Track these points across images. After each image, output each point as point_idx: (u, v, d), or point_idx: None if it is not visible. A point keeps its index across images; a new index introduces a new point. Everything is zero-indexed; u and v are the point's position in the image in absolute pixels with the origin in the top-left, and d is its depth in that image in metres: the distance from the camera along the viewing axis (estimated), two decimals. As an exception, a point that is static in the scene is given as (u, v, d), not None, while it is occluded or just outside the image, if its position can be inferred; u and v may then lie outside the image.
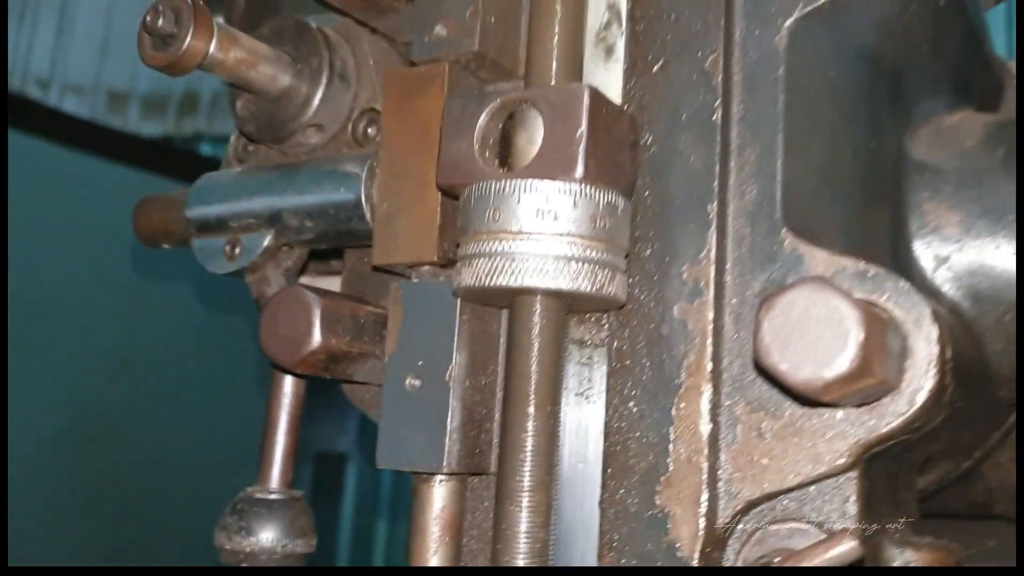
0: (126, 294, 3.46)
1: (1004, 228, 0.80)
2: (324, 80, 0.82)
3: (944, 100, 0.88)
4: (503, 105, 0.69)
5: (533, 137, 0.69)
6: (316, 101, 0.82)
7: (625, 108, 0.74)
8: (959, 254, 0.81)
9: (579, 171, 0.64)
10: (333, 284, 0.93)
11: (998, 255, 0.80)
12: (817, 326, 0.56)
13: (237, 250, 0.85)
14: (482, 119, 0.68)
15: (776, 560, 0.63)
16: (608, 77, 0.76)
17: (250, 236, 0.84)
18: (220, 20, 0.95)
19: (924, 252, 0.81)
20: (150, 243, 0.94)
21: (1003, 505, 1.18)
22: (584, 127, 0.64)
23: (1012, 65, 1.07)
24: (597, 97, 0.66)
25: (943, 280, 0.81)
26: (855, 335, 0.55)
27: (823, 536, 0.65)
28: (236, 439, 3.57)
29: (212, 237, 0.87)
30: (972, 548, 0.80)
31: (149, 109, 5.37)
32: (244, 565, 0.78)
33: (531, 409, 0.68)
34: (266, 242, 0.84)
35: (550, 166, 0.65)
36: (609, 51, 0.77)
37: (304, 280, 0.95)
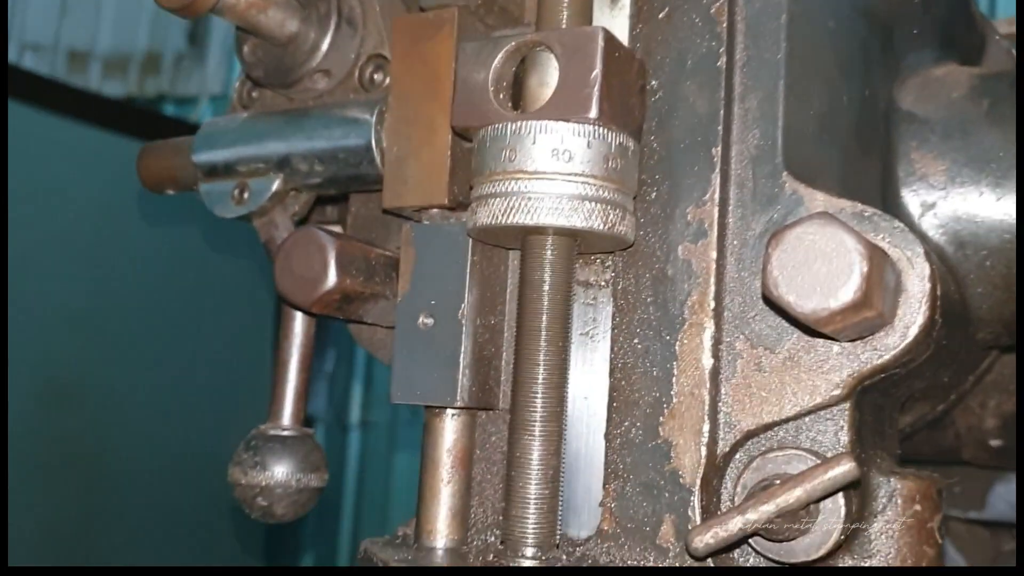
0: (89, 254, 3.42)
1: (987, 176, 0.83)
2: (332, 26, 0.83)
3: (931, 53, 0.91)
4: (517, 48, 0.71)
5: (545, 79, 0.71)
6: (324, 47, 0.83)
7: (632, 54, 0.77)
8: (944, 201, 0.84)
9: (594, 111, 0.67)
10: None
11: (981, 202, 0.84)
12: (824, 258, 0.59)
13: (246, 194, 0.86)
14: (497, 61, 0.70)
15: (776, 483, 0.66)
16: (613, 23, 0.79)
17: (259, 180, 0.86)
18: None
19: (911, 199, 0.85)
20: (156, 189, 0.95)
21: (970, 451, 1.24)
22: (599, 69, 0.67)
23: (998, 24, 1.11)
24: (611, 40, 0.68)
25: (929, 226, 0.85)
26: (860, 267, 0.59)
27: (819, 462, 0.69)
28: (206, 398, 3.58)
29: (220, 181, 0.88)
30: (953, 480, 0.84)
31: (111, 69, 5.28)
32: (260, 500, 0.81)
33: (543, 344, 0.71)
34: (275, 186, 0.85)
35: (565, 106, 0.67)
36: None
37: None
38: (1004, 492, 1.34)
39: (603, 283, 0.78)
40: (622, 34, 0.77)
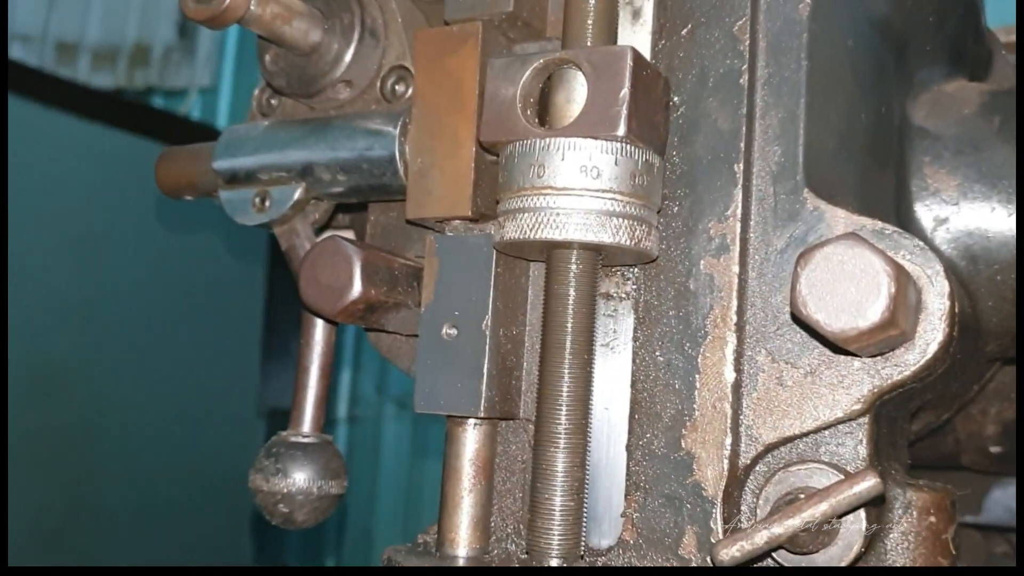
0: (78, 247, 3.41)
1: (999, 192, 0.85)
2: (356, 37, 0.84)
3: (942, 69, 0.93)
4: (546, 65, 0.71)
5: (572, 96, 0.72)
6: (348, 57, 0.84)
7: (656, 71, 0.78)
8: (957, 216, 0.86)
9: (622, 129, 0.68)
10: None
11: (993, 217, 0.85)
12: (852, 279, 0.61)
13: (267, 202, 0.87)
14: (525, 78, 0.71)
15: (801, 497, 0.68)
16: (635, 39, 0.80)
17: (280, 188, 0.86)
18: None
19: (924, 213, 0.86)
20: (174, 195, 0.95)
21: (969, 456, 1.26)
22: (627, 87, 0.68)
23: (998, 33, 1.12)
24: (639, 59, 0.69)
25: (941, 240, 0.86)
26: (888, 287, 0.60)
27: (840, 476, 0.70)
28: (195, 391, 3.57)
29: (241, 189, 0.88)
30: (966, 491, 0.85)
31: (100, 60, 5.24)
32: (281, 507, 0.81)
33: (568, 356, 0.72)
34: (297, 195, 0.86)
35: (594, 124, 0.68)
36: (636, 14, 0.80)
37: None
38: (1001, 497, 1.36)
39: (623, 295, 0.79)
40: (644, 49, 0.78)
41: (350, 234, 0.99)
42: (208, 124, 4.46)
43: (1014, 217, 0.85)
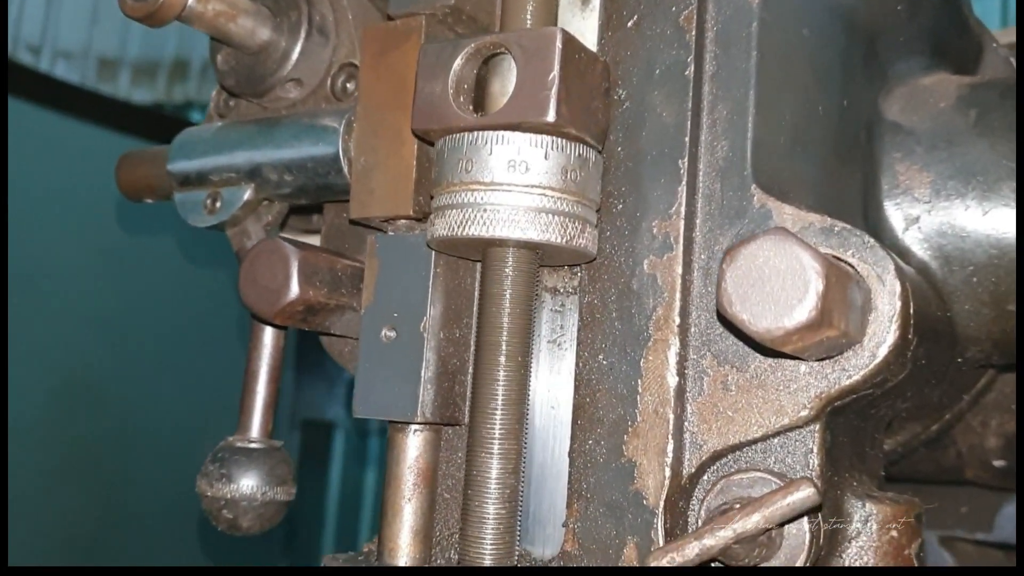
0: (116, 259, 3.46)
1: (974, 190, 0.81)
2: (303, 34, 0.83)
3: (920, 62, 0.89)
4: (477, 49, 0.69)
5: (506, 85, 0.69)
6: (295, 55, 0.83)
7: (599, 61, 0.75)
8: (929, 215, 0.82)
9: (551, 115, 0.65)
10: (315, 242, 0.94)
11: (967, 217, 0.81)
12: (778, 276, 0.57)
13: (218, 203, 0.86)
14: (456, 63, 0.69)
15: (736, 507, 0.64)
16: (584, 26, 0.77)
17: (230, 190, 0.85)
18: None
19: (895, 212, 0.82)
20: (133, 197, 0.95)
21: (973, 470, 1.20)
22: (556, 70, 0.65)
23: (1002, 34, 1.08)
24: (570, 41, 0.66)
25: (913, 240, 0.82)
26: (815, 285, 0.57)
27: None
28: (221, 399, 3.59)
29: (193, 191, 0.87)
30: (933, 504, 0.81)
31: (140, 75, 5.34)
32: (225, 512, 0.80)
33: (502, 359, 0.69)
34: (246, 196, 0.85)
35: (522, 109, 0.66)
36: (585, 1, 0.77)
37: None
38: (1011, 513, 1.30)
39: (571, 289, 0.77)
40: (591, 39, 0.76)
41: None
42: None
43: (990, 216, 0.81)
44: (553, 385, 0.75)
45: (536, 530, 0.75)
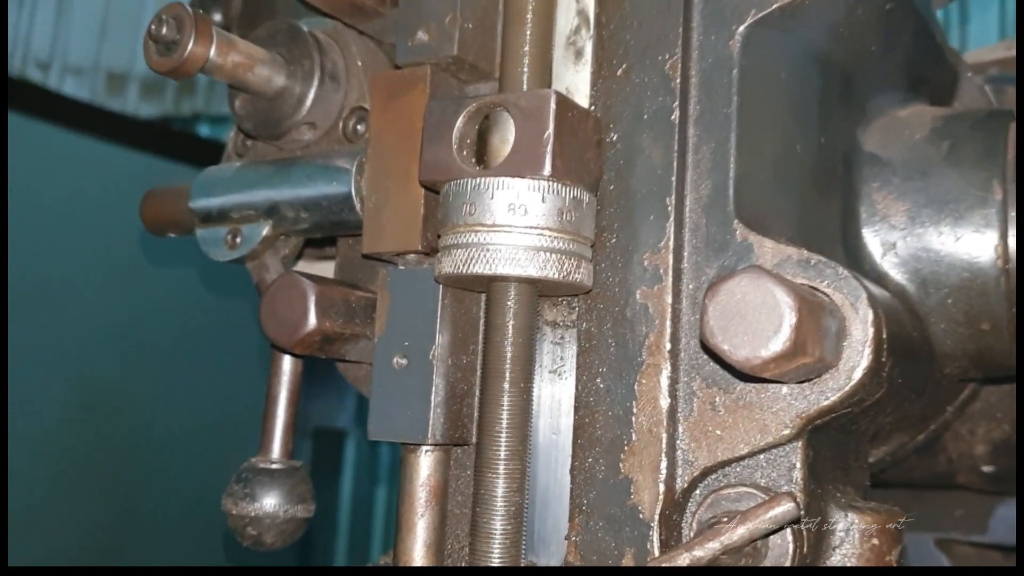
0: (127, 273, 3.53)
1: (947, 216, 0.86)
2: (316, 81, 0.88)
3: (898, 95, 0.94)
4: (478, 109, 0.75)
5: (506, 137, 0.75)
6: (309, 101, 0.88)
7: (592, 108, 0.81)
8: (905, 241, 0.87)
9: (547, 169, 0.71)
10: (327, 268, 0.99)
11: (941, 242, 0.86)
12: (755, 310, 0.63)
13: (238, 239, 0.91)
14: (459, 122, 0.75)
15: (724, 520, 0.70)
16: (578, 78, 0.83)
17: (250, 226, 0.91)
18: (218, 17, 1.02)
19: (872, 239, 0.88)
20: (158, 232, 1.01)
21: (964, 475, 1.25)
22: (551, 129, 0.71)
23: (996, 48, 1.13)
24: (563, 102, 0.72)
25: (890, 265, 0.87)
26: (789, 318, 0.62)
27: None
28: (238, 415, 3.65)
29: (215, 227, 0.93)
30: (913, 513, 0.86)
31: (148, 90, 5.42)
32: (249, 529, 0.85)
33: (506, 386, 0.75)
34: (265, 232, 0.90)
35: (520, 165, 0.72)
36: (579, 54, 0.83)
37: (300, 264, 1.02)
38: (1005, 516, 1.35)
39: (570, 323, 0.82)
40: (585, 89, 0.81)
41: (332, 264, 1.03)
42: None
43: (962, 241, 0.86)
44: (555, 412, 0.81)
45: (540, 548, 0.80)
